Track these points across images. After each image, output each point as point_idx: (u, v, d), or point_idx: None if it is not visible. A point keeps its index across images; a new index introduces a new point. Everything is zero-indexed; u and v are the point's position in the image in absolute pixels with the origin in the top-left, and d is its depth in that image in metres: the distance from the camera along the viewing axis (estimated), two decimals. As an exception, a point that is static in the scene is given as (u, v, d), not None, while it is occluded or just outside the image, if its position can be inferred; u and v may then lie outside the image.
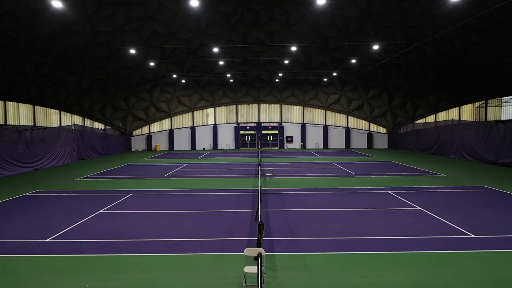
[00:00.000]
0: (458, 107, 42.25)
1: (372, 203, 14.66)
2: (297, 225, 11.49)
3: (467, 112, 41.02)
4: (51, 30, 32.44)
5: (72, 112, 43.26)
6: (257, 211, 10.80)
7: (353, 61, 40.30)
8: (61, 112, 41.60)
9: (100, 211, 13.81)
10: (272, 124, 51.53)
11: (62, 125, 40.46)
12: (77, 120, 44.20)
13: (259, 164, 20.53)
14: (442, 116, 45.03)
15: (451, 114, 43.41)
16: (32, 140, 27.76)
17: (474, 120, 39.06)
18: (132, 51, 39.09)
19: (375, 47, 37.75)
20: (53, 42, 33.98)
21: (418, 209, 13.52)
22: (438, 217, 12.30)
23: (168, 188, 18.81)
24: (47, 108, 40.13)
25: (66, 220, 12.35)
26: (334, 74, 45.47)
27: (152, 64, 40.49)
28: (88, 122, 45.67)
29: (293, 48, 40.65)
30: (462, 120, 36.89)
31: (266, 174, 20.66)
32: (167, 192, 17.57)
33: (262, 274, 5.83)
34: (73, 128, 34.73)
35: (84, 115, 44.96)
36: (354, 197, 15.84)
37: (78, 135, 35.38)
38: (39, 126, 37.73)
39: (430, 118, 46.56)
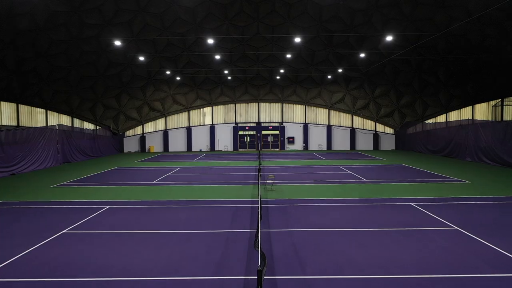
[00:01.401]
0: (471, 106, 39.62)
1: (395, 219, 12.07)
2: (308, 254, 8.89)
3: (481, 111, 38.43)
4: (34, 23, 29.92)
5: (60, 111, 40.66)
6: (257, 233, 8.28)
7: (361, 55, 37.70)
8: (48, 111, 39.01)
9: (64, 231, 11.22)
10: (272, 124, 48.97)
11: (48, 125, 37.83)
12: (65, 120, 41.62)
13: (259, 171, 17.98)
14: (453, 115, 42.45)
15: (464, 113, 40.81)
16: (8, 142, 25.14)
17: (491, 119, 36.42)
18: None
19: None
20: (36, 36, 31.46)
21: (455, 229, 10.94)
22: (484, 241, 9.72)
23: (153, 198, 16.20)
24: (32, 107, 37.56)
25: (14, 246, 9.73)
26: (340, 70, 42.80)
27: (142, 58, 37.86)
28: (77, 122, 43.07)
29: (295, 42, 38.16)
30: (478, 120, 34.32)
31: (267, 181, 18.07)
32: (151, 204, 14.96)
33: None
34: (57, 128, 32.10)
35: (72, 115, 42.36)
36: (373, 211, 13.24)
37: (63, 135, 32.77)
38: (23, 127, 35.15)
39: (441, 118, 44.00)
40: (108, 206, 14.69)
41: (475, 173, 23.20)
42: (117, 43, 29.97)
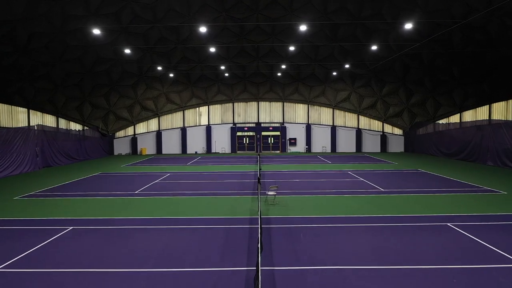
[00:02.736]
0: (488, 105, 36.69)
1: (439, 250, 9.16)
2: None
3: (499, 111, 35.49)
4: (10, 13, 26.92)
5: (43, 110, 37.65)
6: (256, 279, 5.53)
7: (371, 48, 34.71)
8: (30, 110, 35.99)
9: (-4, 269, 8.29)
10: (273, 125, 46.11)
11: (31, 125, 34.86)
12: (50, 120, 38.65)
13: (259, 180, 15.10)
14: (468, 115, 39.52)
15: (479, 113, 37.89)
16: (-25, 145, 22.19)
17: (510, 120, 33.50)
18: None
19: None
20: (14, 28, 28.45)
21: (524, 267, 8.03)
22: None
23: (129, 215, 13.26)
24: (12, 106, 34.54)
25: None
26: (346, 66, 39.76)
27: (131, 52, 34.87)
28: (63, 123, 40.08)
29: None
30: (495, 120, 31.45)
31: (269, 193, 15.18)
32: (124, 224, 12.04)
33: None
34: (36, 128, 29.16)
35: (57, 114, 39.34)
36: (404, 237, 10.35)
37: (43, 137, 29.84)
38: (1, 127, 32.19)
39: (454, 118, 41.07)
40: (71, 227, 11.80)
41: (506, 181, 20.28)
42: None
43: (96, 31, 26.41)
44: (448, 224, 11.68)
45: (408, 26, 25.59)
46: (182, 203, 15.31)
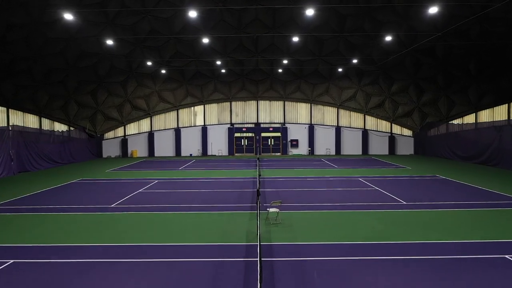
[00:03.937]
0: (506, 104, 33.92)
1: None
2: None
3: (520, 110, 32.78)
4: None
5: (25, 110, 34.79)
6: None
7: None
8: (9, 110, 33.14)
9: None
10: (273, 125, 43.44)
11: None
12: (32, 120, 35.80)
13: (258, 193, 12.32)
14: (484, 115, 36.73)
15: (497, 112, 35.12)
16: None
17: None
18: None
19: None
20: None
21: None
22: None
23: (92, 241, 10.42)
24: (-11, 105, 31.77)
25: None
26: (354, 61, 36.91)
27: (112, 43, 31.96)
28: (46, 123, 37.21)
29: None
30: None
31: (270, 209, 12.37)
32: (82, 255, 9.19)
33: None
34: (11, 129, 26.32)
35: (40, 114, 36.47)
36: (455, 279, 7.50)
37: (19, 139, 26.99)
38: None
39: (468, 118, 38.28)
40: (12, 261, 9.01)
41: (546, 191, 17.49)
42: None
43: (68, 16, 23.58)
44: (506, 256, 8.88)
45: (433, 10, 22.87)
46: (163, 222, 12.47)
